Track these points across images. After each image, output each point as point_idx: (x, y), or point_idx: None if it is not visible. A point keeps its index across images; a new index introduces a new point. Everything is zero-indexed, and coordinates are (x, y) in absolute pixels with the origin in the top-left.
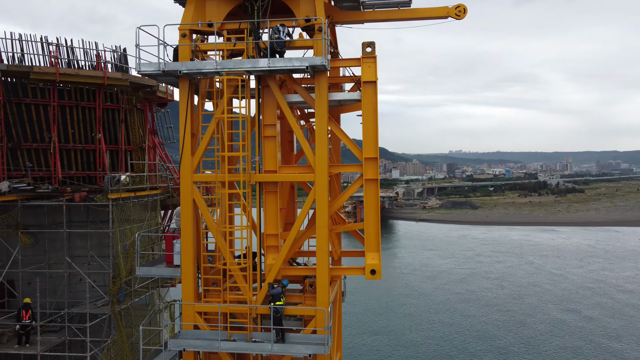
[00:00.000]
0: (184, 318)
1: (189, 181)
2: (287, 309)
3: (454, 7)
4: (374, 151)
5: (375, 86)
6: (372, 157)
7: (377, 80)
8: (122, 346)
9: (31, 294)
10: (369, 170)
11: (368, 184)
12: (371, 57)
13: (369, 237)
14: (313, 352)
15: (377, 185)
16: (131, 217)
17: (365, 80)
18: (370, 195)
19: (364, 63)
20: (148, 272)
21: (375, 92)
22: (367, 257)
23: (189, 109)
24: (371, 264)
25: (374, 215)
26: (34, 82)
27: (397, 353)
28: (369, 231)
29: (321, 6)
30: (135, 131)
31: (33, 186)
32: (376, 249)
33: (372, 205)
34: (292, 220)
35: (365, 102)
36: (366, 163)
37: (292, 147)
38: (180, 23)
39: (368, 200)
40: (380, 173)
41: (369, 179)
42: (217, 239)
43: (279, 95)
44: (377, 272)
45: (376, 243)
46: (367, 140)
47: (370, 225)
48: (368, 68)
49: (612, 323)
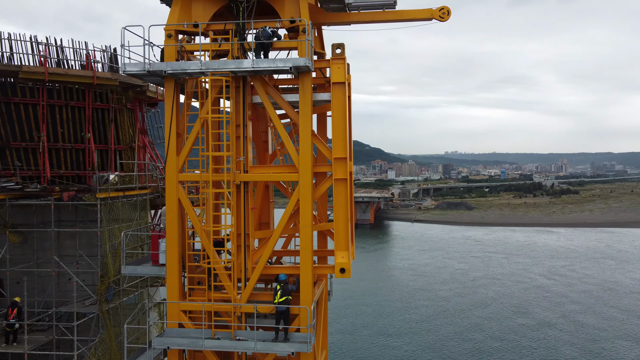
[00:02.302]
0: (168, 316)
1: (174, 180)
2: (269, 307)
3: (437, 10)
4: (343, 151)
5: (344, 87)
6: (341, 157)
7: (345, 81)
8: (110, 345)
9: (20, 293)
10: (339, 170)
11: (337, 184)
12: (340, 59)
13: (338, 236)
14: (296, 350)
15: (347, 185)
16: (120, 217)
17: (334, 81)
18: (340, 195)
19: (333, 64)
20: (134, 270)
21: (344, 93)
22: (337, 255)
23: (175, 109)
24: (340, 262)
25: (344, 214)
26: (23, 81)
27: (386, 353)
28: (338, 230)
29: (305, 8)
30: (125, 131)
31: (21, 185)
32: (345, 248)
33: (342, 205)
34: (266, 219)
35: (335, 103)
36: (335, 163)
37: (266, 147)
38: (166, 24)
39: (337, 200)
40: (376, 174)
41: (338, 179)
42: (202, 238)
43: (263, 96)
44: (347, 271)
45: (345, 242)
46: (337, 141)
47: (339, 224)
48: (337, 69)
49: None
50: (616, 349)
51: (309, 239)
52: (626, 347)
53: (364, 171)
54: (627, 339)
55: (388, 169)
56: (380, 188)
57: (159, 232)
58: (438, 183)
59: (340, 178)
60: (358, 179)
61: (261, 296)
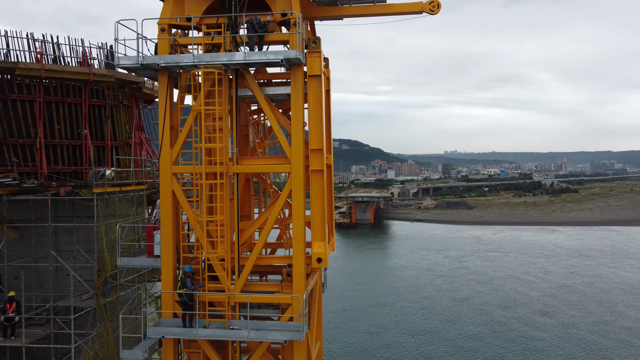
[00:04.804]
0: (163, 306)
1: (168, 173)
2: (265, 297)
3: (427, 3)
4: (319, 143)
5: (320, 80)
6: (317, 149)
7: (321, 74)
8: (107, 338)
9: (17, 287)
10: (315, 162)
11: (313, 175)
12: (316, 52)
13: (315, 226)
14: (288, 338)
15: (323, 175)
16: (117, 212)
17: (310, 74)
18: (316, 185)
19: (309, 57)
20: (129, 262)
21: (320, 86)
22: (314, 245)
23: (168, 102)
24: (317, 252)
25: (320, 205)
26: (19, 78)
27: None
28: (315, 221)
29: (297, 1)
30: (121, 127)
31: (19, 181)
32: (322, 238)
33: (318, 196)
34: (247, 212)
35: (311, 95)
36: (311, 154)
37: (247, 141)
38: (159, 17)
39: (313, 191)
40: (375, 173)
41: (314, 170)
42: (196, 229)
43: (256, 89)
44: (324, 260)
45: (322, 232)
46: (313, 132)
47: (316, 215)
48: (313, 62)
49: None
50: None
51: (302, 230)
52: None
53: (363, 171)
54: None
55: (388, 169)
56: (379, 188)
57: (154, 224)
58: (437, 182)
59: (316, 169)
60: (358, 179)
61: (255, 286)
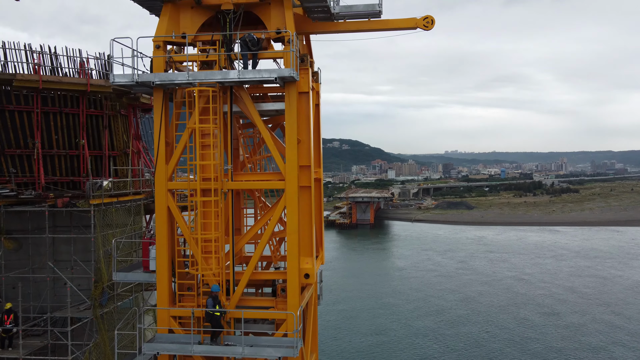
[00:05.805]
0: (158, 322)
1: (163, 189)
2: (259, 313)
3: (422, 19)
4: (307, 159)
5: (308, 96)
6: (305, 165)
7: (309, 90)
8: (104, 349)
9: (15, 298)
10: (302, 178)
11: (301, 191)
12: (304, 69)
13: (303, 242)
14: (282, 354)
15: (311, 192)
16: (114, 222)
17: (299, 90)
18: (303, 202)
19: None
20: (125, 277)
21: (309, 102)
22: (302, 261)
23: (163, 119)
24: (304, 268)
25: (308, 221)
26: (17, 89)
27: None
28: (303, 237)
29: (291, 19)
30: (119, 137)
31: (16, 192)
32: (310, 254)
33: (306, 212)
34: (238, 225)
35: (300, 112)
36: (300, 171)
37: (237, 154)
38: (155, 35)
39: (301, 207)
40: (376, 173)
41: (302, 186)
42: (191, 245)
43: (250, 105)
44: (311, 276)
45: (310, 248)
46: (301, 149)
47: (304, 231)
48: (302, 79)
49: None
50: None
51: (295, 245)
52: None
53: (363, 171)
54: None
55: (388, 169)
56: (380, 188)
57: (149, 239)
58: (438, 182)
59: (304, 186)
60: (358, 179)
61: (250, 301)
